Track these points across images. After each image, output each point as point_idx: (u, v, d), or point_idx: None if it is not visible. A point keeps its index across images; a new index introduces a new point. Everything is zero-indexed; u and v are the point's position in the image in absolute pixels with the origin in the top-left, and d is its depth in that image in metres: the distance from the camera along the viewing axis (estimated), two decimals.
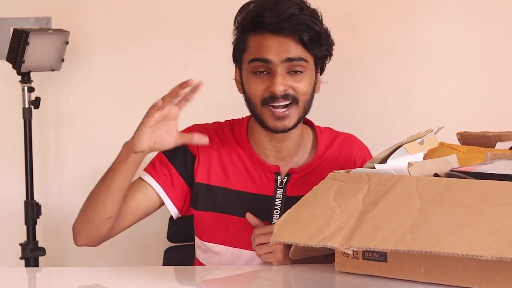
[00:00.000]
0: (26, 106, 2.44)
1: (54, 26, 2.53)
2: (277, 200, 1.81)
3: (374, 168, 1.54)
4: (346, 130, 1.93)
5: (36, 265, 2.44)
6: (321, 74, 1.83)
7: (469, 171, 1.47)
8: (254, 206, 1.80)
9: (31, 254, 2.43)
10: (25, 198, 2.46)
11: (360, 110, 2.49)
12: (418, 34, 2.47)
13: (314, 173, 1.81)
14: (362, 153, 1.89)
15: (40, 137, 2.58)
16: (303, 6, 1.74)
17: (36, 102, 2.45)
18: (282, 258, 1.68)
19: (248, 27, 1.75)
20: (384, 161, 1.55)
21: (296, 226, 1.43)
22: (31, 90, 2.45)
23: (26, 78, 2.44)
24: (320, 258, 1.63)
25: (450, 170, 1.50)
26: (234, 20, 1.79)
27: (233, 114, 1.90)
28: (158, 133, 1.63)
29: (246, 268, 1.79)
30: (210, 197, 1.83)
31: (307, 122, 1.88)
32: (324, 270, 1.57)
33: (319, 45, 1.75)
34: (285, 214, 1.48)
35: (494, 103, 2.46)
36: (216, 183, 1.83)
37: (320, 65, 1.80)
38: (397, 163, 1.53)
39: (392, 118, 2.49)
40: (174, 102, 1.62)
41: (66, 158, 2.60)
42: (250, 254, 1.78)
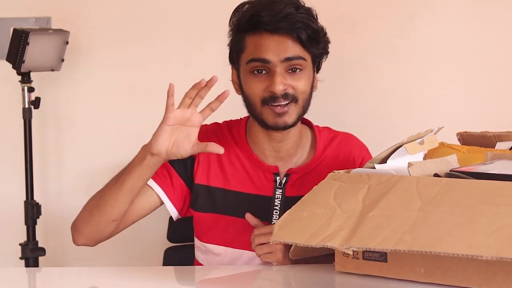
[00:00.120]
0: (26, 106, 2.44)
1: (54, 26, 2.53)
2: (276, 200, 1.80)
3: (374, 168, 1.53)
4: (345, 130, 1.93)
5: (36, 265, 2.44)
6: (317, 72, 1.83)
7: (469, 171, 1.47)
8: (253, 206, 1.79)
9: (31, 254, 2.43)
10: (25, 198, 2.46)
11: (360, 110, 2.49)
12: (418, 34, 2.47)
13: (313, 173, 1.81)
14: (361, 152, 1.88)
15: (40, 137, 2.58)
16: (299, 5, 1.74)
17: (36, 102, 2.45)
18: (282, 258, 1.68)
19: (244, 28, 1.75)
20: (384, 161, 1.55)
21: (296, 226, 1.43)
22: (31, 90, 2.45)
23: (26, 78, 2.44)
24: (320, 258, 1.63)
25: (450, 170, 1.50)
26: (229, 21, 1.79)
27: (231, 115, 1.90)
28: (178, 136, 1.63)
29: (246, 268, 1.78)
30: (209, 198, 1.82)
31: (306, 122, 1.88)
32: (324, 270, 1.57)
33: (317, 43, 1.75)
34: (285, 214, 1.47)
35: (494, 103, 2.46)
36: (215, 184, 1.83)
37: (317, 63, 1.80)
38: (397, 163, 1.53)
39: (392, 118, 2.49)
40: (197, 108, 1.62)
41: (66, 158, 2.60)
42: (250, 254, 1.78)
